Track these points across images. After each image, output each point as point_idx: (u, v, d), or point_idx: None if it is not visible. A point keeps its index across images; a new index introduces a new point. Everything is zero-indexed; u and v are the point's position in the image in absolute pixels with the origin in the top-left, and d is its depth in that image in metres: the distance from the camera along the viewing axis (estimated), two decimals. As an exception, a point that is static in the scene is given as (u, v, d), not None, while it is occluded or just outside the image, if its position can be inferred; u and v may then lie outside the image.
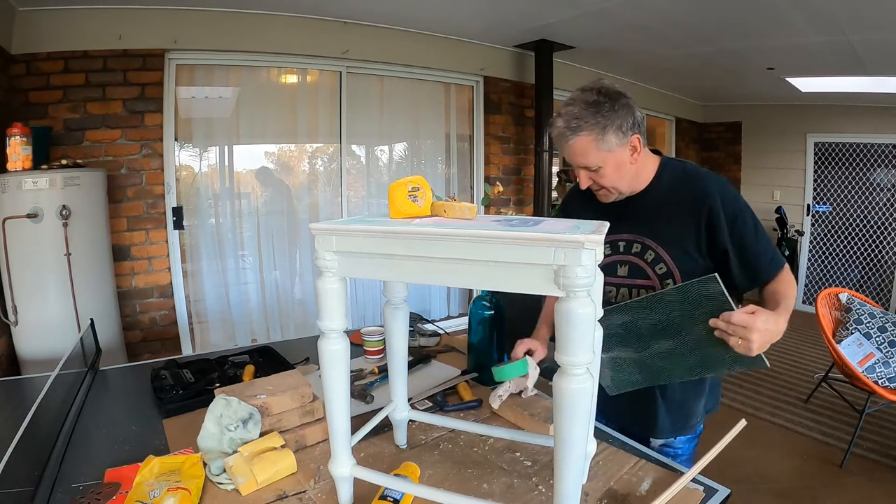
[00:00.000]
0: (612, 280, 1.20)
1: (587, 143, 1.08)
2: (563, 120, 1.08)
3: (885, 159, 5.14)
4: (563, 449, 0.69)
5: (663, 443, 1.23)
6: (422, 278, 0.78)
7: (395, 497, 0.87)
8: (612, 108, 1.06)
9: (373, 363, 1.54)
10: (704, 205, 1.10)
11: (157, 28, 2.88)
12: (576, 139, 1.08)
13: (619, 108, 1.07)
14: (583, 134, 1.07)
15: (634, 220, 1.18)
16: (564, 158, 1.24)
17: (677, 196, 1.15)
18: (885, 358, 2.72)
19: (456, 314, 4.40)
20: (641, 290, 1.18)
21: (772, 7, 2.88)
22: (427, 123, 4.11)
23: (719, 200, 1.10)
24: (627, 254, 1.20)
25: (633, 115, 1.08)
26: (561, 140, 1.11)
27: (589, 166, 1.11)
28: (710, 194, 1.11)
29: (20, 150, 2.23)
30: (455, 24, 3.60)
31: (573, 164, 1.14)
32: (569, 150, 1.11)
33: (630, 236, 1.19)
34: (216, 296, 3.32)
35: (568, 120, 1.07)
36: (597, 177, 1.13)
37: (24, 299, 2.25)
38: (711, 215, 1.10)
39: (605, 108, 1.06)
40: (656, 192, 1.18)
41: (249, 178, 3.55)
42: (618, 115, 1.06)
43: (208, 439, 1.00)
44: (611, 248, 1.21)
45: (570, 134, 1.08)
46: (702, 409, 1.26)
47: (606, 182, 1.13)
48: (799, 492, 2.33)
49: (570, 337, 0.65)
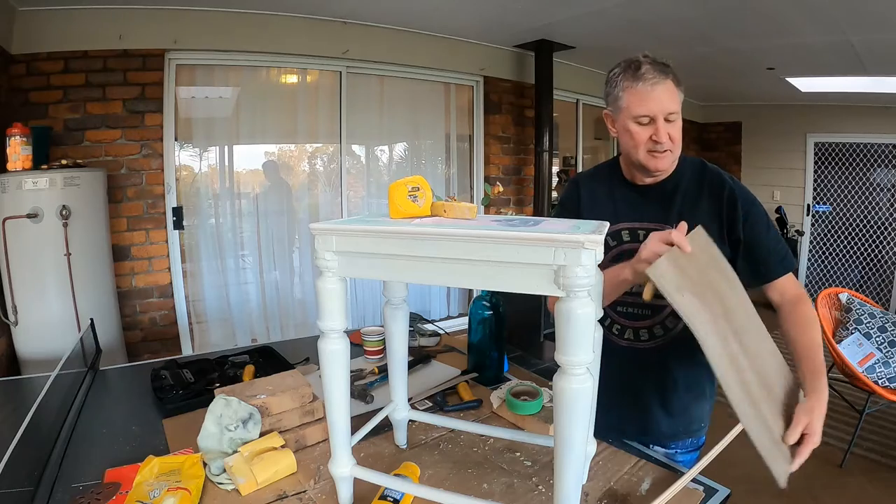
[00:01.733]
0: None
1: (674, 89, 1.08)
2: (651, 64, 1.06)
3: (885, 159, 5.14)
4: (563, 449, 0.69)
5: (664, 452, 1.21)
6: (422, 278, 0.77)
7: (395, 497, 0.87)
8: (676, 74, 1.09)
9: (373, 363, 1.54)
10: (725, 189, 1.12)
11: (157, 28, 2.88)
12: (667, 81, 1.06)
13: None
14: (671, 78, 1.07)
15: (657, 207, 1.16)
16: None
17: (700, 183, 1.14)
18: (885, 358, 2.72)
19: (456, 314, 4.40)
20: None
21: (772, 7, 2.88)
22: (427, 123, 4.11)
23: (736, 190, 1.12)
24: None
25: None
26: (657, 81, 1.05)
27: (674, 112, 1.08)
28: (727, 183, 1.13)
29: (20, 150, 2.23)
30: (455, 24, 3.60)
31: (661, 110, 1.07)
32: (661, 92, 1.06)
33: (650, 224, 1.15)
34: (216, 296, 3.32)
35: (654, 64, 1.06)
36: (673, 129, 1.09)
37: (24, 299, 2.25)
38: (731, 201, 1.11)
39: (673, 70, 1.09)
40: (679, 178, 1.17)
41: (249, 178, 3.55)
42: (680, 81, 1.09)
43: (208, 439, 1.00)
44: (630, 235, 1.17)
45: (662, 76, 1.06)
46: (704, 415, 1.25)
47: (676, 134, 1.10)
48: (799, 492, 2.32)
49: (570, 337, 0.65)
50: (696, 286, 0.86)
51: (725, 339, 0.86)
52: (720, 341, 0.85)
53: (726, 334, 0.87)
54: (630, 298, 1.13)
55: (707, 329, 0.84)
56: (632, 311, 1.18)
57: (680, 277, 0.84)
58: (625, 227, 1.17)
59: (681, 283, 0.84)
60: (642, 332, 1.18)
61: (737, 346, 0.87)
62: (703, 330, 0.83)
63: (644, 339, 1.18)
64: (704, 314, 0.85)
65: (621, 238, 1.17)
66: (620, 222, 1.17)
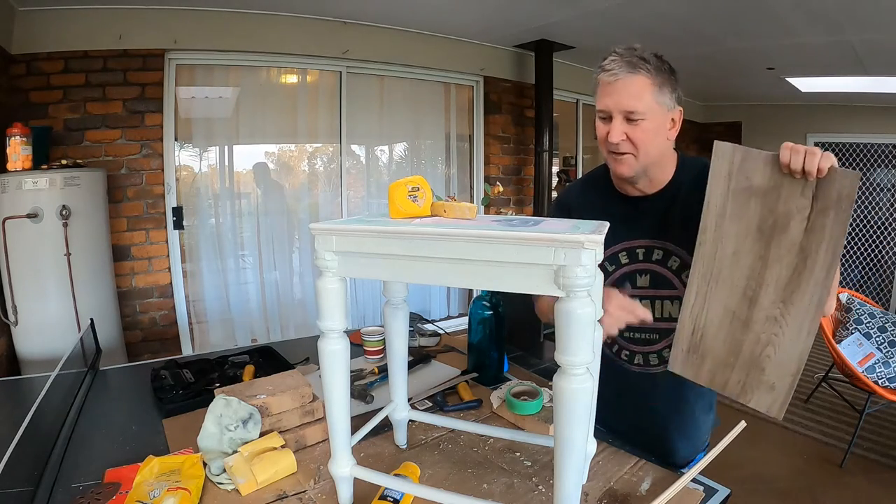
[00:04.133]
0: (632, 293, 1.08)
1: (644, 86, 0.97)
2: (620, 56, 0.98)
3: (885, 159, 5.14)
4: (563, 449, 0.69)
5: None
6: (422, 278, 0.77)
7: (395, 497, 0.87)
8: (672, 72, 1.01)
9: (373, 363, 1.54)
10: None
11: (157, 28, 2.88)
12: (634, 77, 0.97)
13: (675, 76, 1.01)
14: (643, 74, 0.97)
15: (651, 223, 1.08)
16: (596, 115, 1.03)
17: (700, 188, 0.98)
18: (885, 358, 2.72)
19: (456, 314, 4.40)
20: (666, 301, 1.08)
21: (772, 7, 2.88)
22: (427, 123, 4.11)
23: None
24: (648, 262, 1.09)
25: (680, 89, 1.03)
26: (617, 73, 0.97)
27: (635, 111, 0.97)
28: None
29: (20, 150, 2.23)
30: (455, 24, 3.60)
31: (616, 107, 0.99)
32: (620, 86, 0.97)
33: (649, 242, 1.08)
34: (216, 296, 3.32)
35: (629, 57, 0.97)
36: (634, 131, 0.99)
37: (24, 299, 2.25)
38: None
39: (667, 68, 1.00)
40: (676, 187, 1.07)
41: (249, 178, 3.55)
42: (675, 80, 1.01)
43: (208, 439, 1.00)
44: (628, 257, 1.10)
45: (628, 69, 0.97)
46: (710, 427, 1.24)
47: (640, 138, 0.99)
48: (799, 492, 2.32)
49: (570, 337, 0.65)
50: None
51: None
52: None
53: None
54: (637, 323, 1.02)
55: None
56: (639, 335, 1.14)
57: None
58: (621, 248, 1.11)
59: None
60: (652, 357, 1.14)
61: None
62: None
63: (654, 363, 1.14)
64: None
65: (619, 261, 1.12)
66: (617, 243, 1.10)
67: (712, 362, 0.94)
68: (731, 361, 0.92)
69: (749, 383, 0.91)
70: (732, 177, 0.88)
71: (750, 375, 0.90)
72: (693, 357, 0.96)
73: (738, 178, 0.88)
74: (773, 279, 0.87)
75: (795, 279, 0.85)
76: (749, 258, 0.88)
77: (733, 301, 0.91)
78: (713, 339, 0.93)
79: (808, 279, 0.84)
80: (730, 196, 0.89)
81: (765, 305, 0.88)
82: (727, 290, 0.91)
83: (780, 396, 0.88)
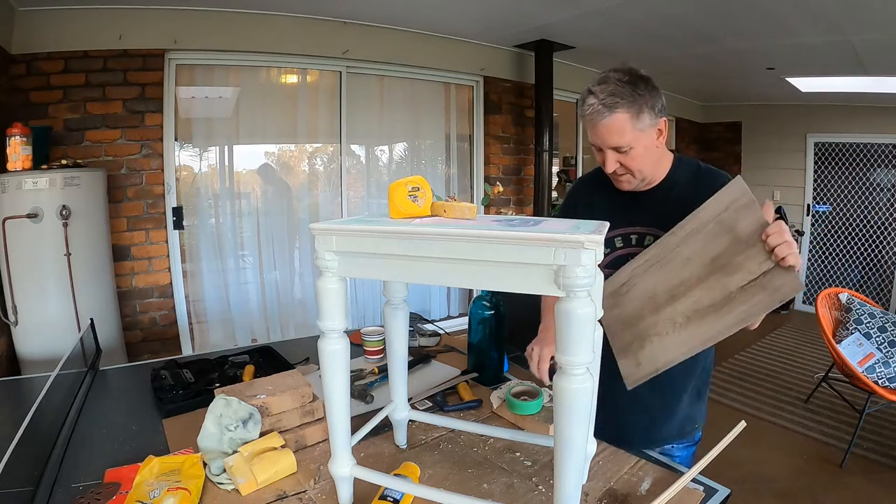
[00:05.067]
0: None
1: (624, 122, 1.04)
2: (597, 97, 1.04)
3: (885, 159, 5.14)
4: (563, 449, 0.69)
5: (660, 450, 1.21)
6: (422, 278, 0.78)
7: (395, 497, 0.87)
8: (647, 88, 1.05)
9: (373, 363, 1.54)
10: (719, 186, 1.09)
11: (157, 28, 2.88)
12: (612, 117, 1.04)
13: (651, 88, 1.06)
14: (620, 111, 1.03)
15: (648, 212, 1.16)
16: (583, 143, 1.21)
17: (695, 186, 1.12)
18: (885, 358, 2.72)
19: (456, 314, 4.40)
20: None
21: (772, 7, 2.88)
22: (427, 123, 4.11)
23: None
24: (640, 246, 1.17)
25: (661, 97, 1.08)
26: (595, 117, 1.05)
27: (621, 146, 1.06)
28: (721, 180, 1.11)
29: (20, 150, 2.23)
30: (455, 24, 3.60)
31: (603, 144, 1.08)
32: (602, 128, 1.06)
33: (643, 229, 1.17)
34: (216, 296, 3.32)
35: (604, 97, 1.03)
36: (626, 159, 1.08)
37: (24, 299, 2.25)
38: None
39: (641, 88, 1.04)
40: (671, 184, 1.17)
41: (249, 178, 3.55)
42: (651, 95, 1.05)
43: (208, 439, 1.00)
44: (623, 241, 1.19)
45: (606, 111, 1.03)
46: (698, 415, 1.26)
47: (635, 165, 1.09)
48: (799, 492, 2.33)
49: (570, 337, 0.65)
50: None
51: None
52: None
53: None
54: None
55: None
56: None
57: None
58: (617, 233, 1.19)
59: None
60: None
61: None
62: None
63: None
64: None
65: (614, 245, 1.20)
66: (614, 229, 1.16)
67: (620, 313, 1.09)
68: (632, 323, 1.07)
69: (630, 350, 1.07)
70: (727, 210, 0.98)
71: (633, 344, 1.06)
72: (616, 299, 1.09)
73: (730, 214, 0.98)
74: (695, 297, 1.00)
75: (709, 311, 0.99)
76: (693, 271, 1.01)
77: (661, 288, 1.04)
78: (631, 299, 1.08)
79: (717, 319, 0.98)
80: (714, 221, 1.00)
81: (677, 309, 1.02)
82: (663, 277, 1.04)
83: (639, 375, 1.06)
